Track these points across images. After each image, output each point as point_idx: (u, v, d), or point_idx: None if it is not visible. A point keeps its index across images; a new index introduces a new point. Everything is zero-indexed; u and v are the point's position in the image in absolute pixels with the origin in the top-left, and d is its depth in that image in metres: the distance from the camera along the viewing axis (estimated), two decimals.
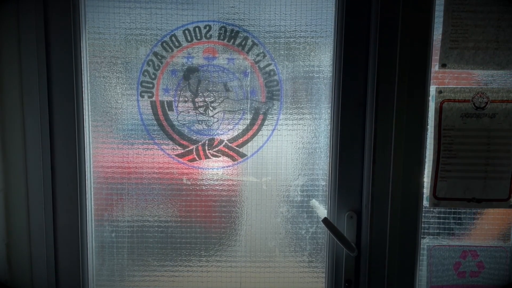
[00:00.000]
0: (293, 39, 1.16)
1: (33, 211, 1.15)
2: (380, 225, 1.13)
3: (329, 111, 1.17)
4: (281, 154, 1.20)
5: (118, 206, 1.21)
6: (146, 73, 1.16)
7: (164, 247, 1.22)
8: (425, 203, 1.15)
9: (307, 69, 1.17)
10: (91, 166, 1.19)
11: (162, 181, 1.20)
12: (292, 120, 1.18)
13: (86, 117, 1.16)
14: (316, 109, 1.18)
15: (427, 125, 1.12)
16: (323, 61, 1.16)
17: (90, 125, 1.17)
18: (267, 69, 1.17)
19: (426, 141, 1.12)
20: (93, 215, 1.20)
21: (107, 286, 1.24)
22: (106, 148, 1.19)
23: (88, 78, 1.16)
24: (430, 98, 1.11)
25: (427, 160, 1.13)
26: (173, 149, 1.19)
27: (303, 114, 1.18)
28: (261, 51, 1.16)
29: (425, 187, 1.14)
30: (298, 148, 1.20)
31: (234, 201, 1.22)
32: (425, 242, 1.19)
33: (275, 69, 1.17)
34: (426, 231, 1.18)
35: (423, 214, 1.15)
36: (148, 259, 1.23)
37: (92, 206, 1.20)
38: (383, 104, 1.10)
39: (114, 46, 1.15)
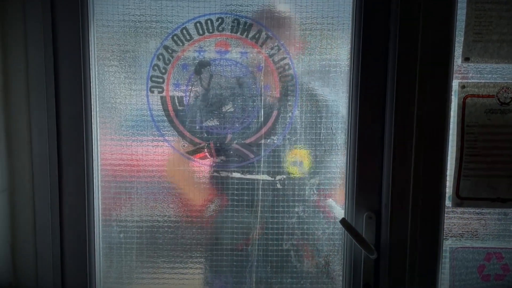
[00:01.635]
0: (309, 32, 1.12)
1: (39, 211, 1.11)
2: (400, 226, 1.09)
3: (346, 106, 1.12)
4: (296, 151, 1.15)
5: (126, 206, 1.17)
6: (156, 68, 1.13)
7: (174, 249, 1.19)
8: (448, 203, 1.11)
9: (324, 63, 1.12)
10: (99, 163, 1.15)
11: (172, 180, 1.16)
12: (308, 116, 1.14)
13: (94, 113, 1.12)
14: (332, 104, 1.14)
15: (450, 121, 1.07)
16: (340, 54, 1.12)
17: (98, 122, 1.14)
18: (281, 63, 1.13)
19: (449, 138, 1.08)
20: (100, 215, 1.17)
21: None
22: (114, 145, 1.15)
23: (96, 72, 1.13)
24: (452, 93, 1.07)
25: (449, 158, 1.09)
26: (184, 146, 1.15)
27: (319, 110, 1.14)
28: (276, 44, 1.12)
29: (447, 186, 1.10)
30: (314, 145, 1.15)
31: (247, 201, 1.17)
32: (448, 244, 1.14)
33: (290, 63, 1.13)
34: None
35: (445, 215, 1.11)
36: (158, 260, 1.19)
37: (100, 205, 1.16)
38: (403, 99, 1.06)
39: (123, 40, 1.12)
